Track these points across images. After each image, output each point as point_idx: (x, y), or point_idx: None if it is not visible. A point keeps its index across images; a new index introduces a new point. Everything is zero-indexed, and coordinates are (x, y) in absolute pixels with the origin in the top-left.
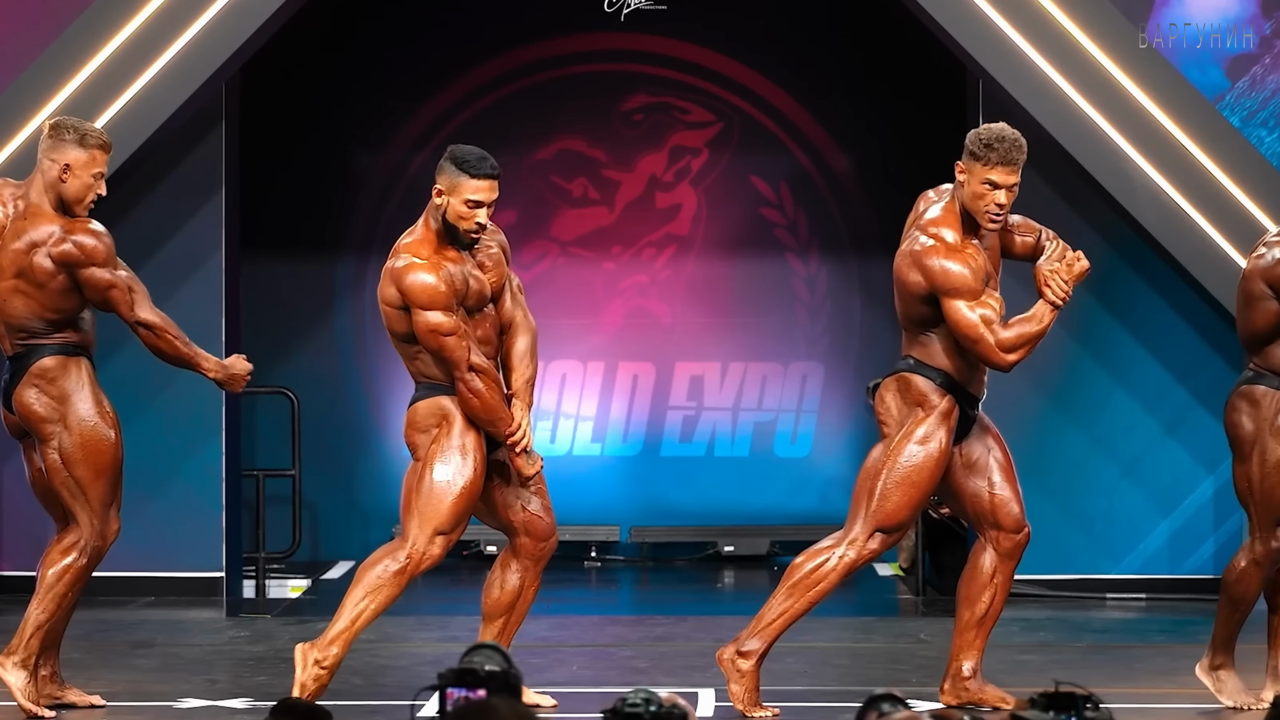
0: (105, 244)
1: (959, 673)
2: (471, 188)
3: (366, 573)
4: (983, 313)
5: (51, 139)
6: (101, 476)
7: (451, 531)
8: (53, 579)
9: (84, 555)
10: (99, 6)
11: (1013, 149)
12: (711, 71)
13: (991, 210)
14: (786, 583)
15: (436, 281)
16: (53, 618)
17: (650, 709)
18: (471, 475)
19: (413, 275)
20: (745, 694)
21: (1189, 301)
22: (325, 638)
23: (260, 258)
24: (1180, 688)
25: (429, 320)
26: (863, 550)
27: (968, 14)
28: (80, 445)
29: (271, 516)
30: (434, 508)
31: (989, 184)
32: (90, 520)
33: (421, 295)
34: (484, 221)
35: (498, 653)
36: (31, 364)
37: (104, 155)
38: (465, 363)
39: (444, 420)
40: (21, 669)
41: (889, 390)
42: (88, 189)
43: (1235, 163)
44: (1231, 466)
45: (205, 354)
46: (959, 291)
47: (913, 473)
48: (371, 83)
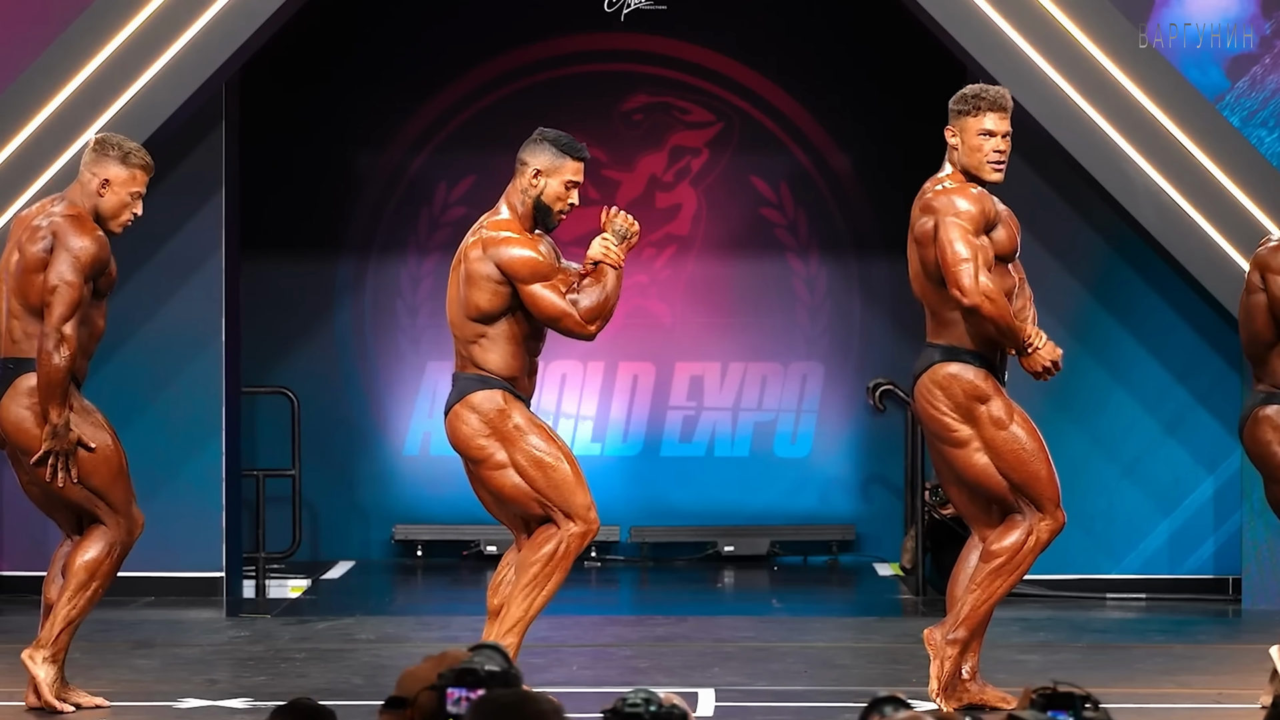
0: (90, 249)
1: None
2: (573, 169)
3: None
4: (971, 244)
5: (95, 153)
6: (117, 479)
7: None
8: (84, 576)
9: (114, 552)
10: (99, 7)
11: (999, 96)
12: (711, 71)
13: (993, 158)
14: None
15: (538, 255)
16: (83, 614)
17: (650, 709)
18: (561, 443)
19: (516, 249)
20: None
21: (1189, 301)
22: (503, 628)
23: (260, 258)
24: (1180, 687)
25: (538, 294)
26: (1055, 523)
27: (968, 14)
28: (87, 457)
29: (271, 516)
30: (568, 485)
31: (985, 133)
32: (117, 520)
33: (524, 268)
34: (576, 203)
35: (498, 652)
36: (14, 381)
37: (144, 176)
38: (570, 316)
39: (502, 414)
40: (51, 664)
41: (933, 394)
42: (124, 206)
43: (1235, 163)
44: (1264, 487)
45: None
46: (954, 214)
47: (1021, 451)
48: (371, 83)
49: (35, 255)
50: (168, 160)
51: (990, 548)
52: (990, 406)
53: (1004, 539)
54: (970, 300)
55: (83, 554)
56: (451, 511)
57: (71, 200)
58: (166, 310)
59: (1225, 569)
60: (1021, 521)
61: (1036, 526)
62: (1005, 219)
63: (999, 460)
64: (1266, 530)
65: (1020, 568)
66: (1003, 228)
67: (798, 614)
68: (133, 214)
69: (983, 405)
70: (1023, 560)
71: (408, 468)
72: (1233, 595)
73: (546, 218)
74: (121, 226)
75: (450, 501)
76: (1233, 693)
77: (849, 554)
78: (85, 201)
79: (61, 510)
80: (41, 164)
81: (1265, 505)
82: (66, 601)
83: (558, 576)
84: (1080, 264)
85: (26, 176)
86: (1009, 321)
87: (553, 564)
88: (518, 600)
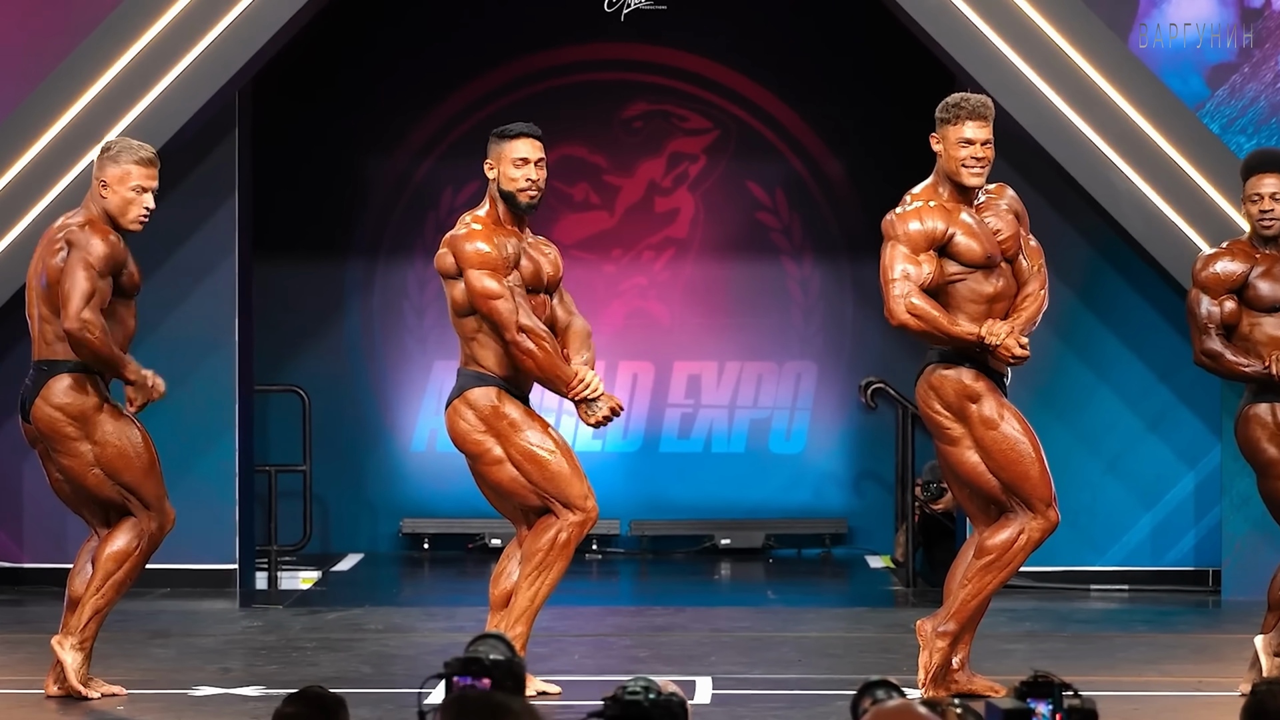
0: (100, 247)
1: (947, 660)
2: (513, 148)
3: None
4: (904, 267)
5: (97, 160)
6: (148, 475)
7: (588, 487)
8: (112, 566)
9: (142, 544)
10: (116, 18)
11: (979, 105)
12: (709, 80)
13: (969, 164)
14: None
15: (489, 247)
16: (111, 604)
17: (649, 697)
18: (556, 436)
19: (467, 241)
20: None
21: (1171, 302)
22: (511, 618)
23: (272, 260)
24: (1162, 675)
25: (479, 283)
26: (1046, 522)
27: (956, 25)
28: (118, 455)
29: (283, 511)
30: (563, 477)
31: (964, 141)
32: (149, 515)
33: (473, 258)
34: (535, 177)
35: (502, 642)
36: (47, 382)
37: (143, 170)
38: (515, 325)
39: (496, 410)
40: (78, 650)
41: (928, 395)
42: (129, 203)
43: (1215, 168)
44: (1256, 481)
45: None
46: (895, 239)
47: (1010, 451)
48: (378, 92)
49: (55, 266)
50: (182, 166)
51: (983, 544)
52: (981, 406)
53: (996, 536)
54: (894, 320)
55: (112, 545)
56: (457, 506)
57: (86, 209)
58: (181, 311)
59: (1205, 561)
60: (1014, 520)
61: (1028, 526)
62: (973, 228)
63: (989, 459)
64: (1245, 524)
65: (1011, 565)
66: (969, 238)
67: (792, 605)
68: (144, 209)
69: (974, 405)
70: (1013, 558)
71: (415, 464)
72: (1212, 586)
73: (514, 202)
74: (136, 223)
75: (455, 496)
76: (1212, 680)
77: (841, 547)
78: (95, 207)
79: (90, 506)
80: (61, 169)
81: (1244, 500)
82: (95, 591)
83: (560, 565)
84: (1065, 266)
85: (46, 182)
86: (946, 331)
87: (554, 553)
88: (523, 590)
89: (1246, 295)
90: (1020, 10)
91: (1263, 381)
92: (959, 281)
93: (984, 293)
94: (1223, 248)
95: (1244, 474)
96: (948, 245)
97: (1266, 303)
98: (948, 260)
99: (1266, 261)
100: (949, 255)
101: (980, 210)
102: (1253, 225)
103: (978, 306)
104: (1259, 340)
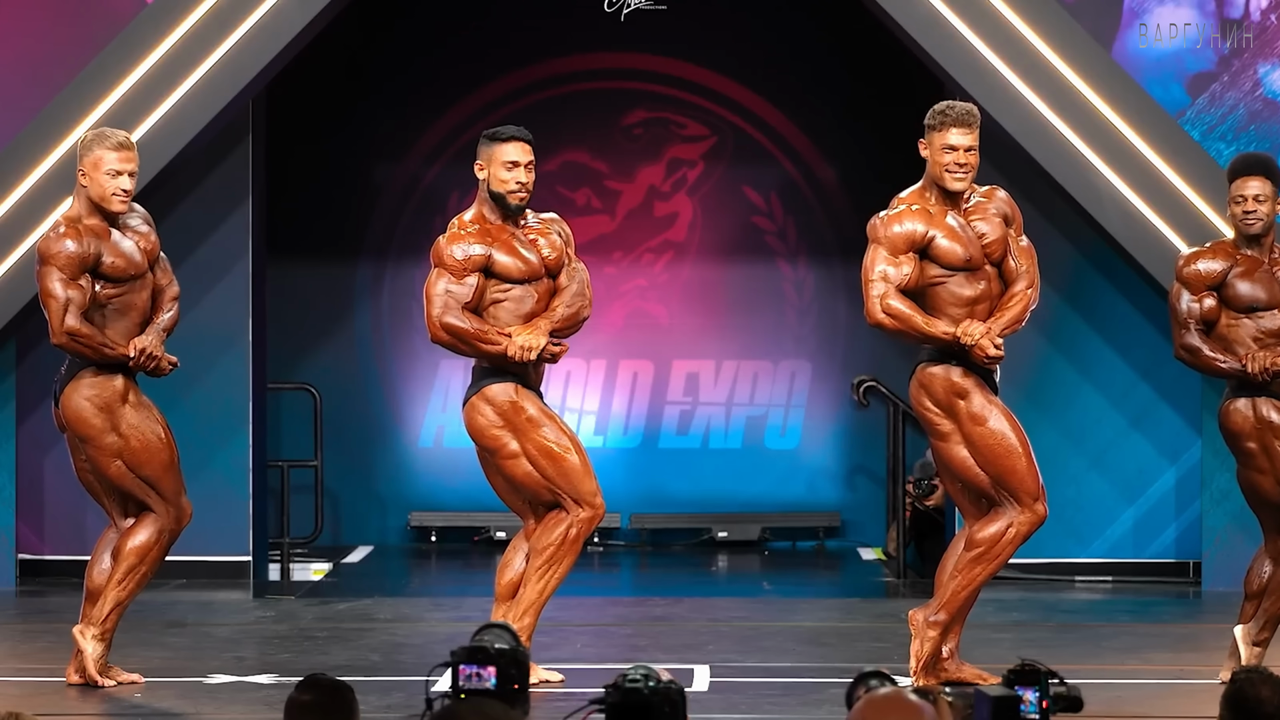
0: (65, 251)
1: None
2: (503, 151)
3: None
4: (883, 269)
5: (77, 151)
6: (168, 470)
7: (597, 485)
8: (134, 559)
9: (162, 538)
10: (134, 28)
11: (964, 112)
12: (706, 88)
13: (952, 169)
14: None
15: (451, 249)
16: (132, 596)
17: (649, 684)
18: (571, 433)
19: (443, 240)
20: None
21: (1152, 303)
22: (519, 610)
23: (285, 262)
24: (1144, 664)
25: (430, 277)
26: (1034, 516)
27: (945, 35)
28: (142, 448)
29: (295, 504)
30: (576, 474)
31: (948, 147)
32: (166, 509)
33: (435, 254)
34: (524, 180)
35: (507, 631)
36: (77, 373)
37: (114, 154)
38: (438, 324)
39: (515, 406)
40: (99, 641)
41: (919, 392)
42: (104, 188)
43: (1196, 173)
44: (1236, 471)
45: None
46: (878, 241)
47: (998, 446)
48: (388, 99)
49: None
50: (198, 171)
51: (973, 537)
52: (969, 402)
53: (985, 529)
54: (871, 320)
55: (133, 539)
56: (464, 500)
57: (75, 199)
58: (197, 311)
59: (1186, 553)
60: (1003, 514)
61: (1016, 519)
62: (956, 231)
63: (976, 454)
64: (1225, 517)
65: (999, 557)
66: (951, 241)
67: (787, 595)
68: (120, 189)
69: (962, 401)
70: (1001, 550)
71: (423, 459)
72: (1193, 578)
73: (504, 203)
74: (120, 205)
75: (463, 490)
76: (1193, 669)
77: (835, 539)
78: (80, 196)
79: (111, 497)
80: None
81: (1224, 494)
82: (116, 584)
83: (568, 559)
84: (1050, 268)
85: (66, 188)
86: (921, 330)
87: (563, 548)
88: (532, 583)
89: (1225, 294)
90: (1007, 21)
91: (1240, 378)
92: (940, 284)
93: (964, 295)
94: (1205, 247)
95: (1224, 469)
96: (928, 248)
97: (1244, 303)
98: (929, 263)
99: (1247, 263)
100: (930, 258)
101: (971, 213)
102: (1237, 226)
103: (958, 309)
104: (1237, 339)
